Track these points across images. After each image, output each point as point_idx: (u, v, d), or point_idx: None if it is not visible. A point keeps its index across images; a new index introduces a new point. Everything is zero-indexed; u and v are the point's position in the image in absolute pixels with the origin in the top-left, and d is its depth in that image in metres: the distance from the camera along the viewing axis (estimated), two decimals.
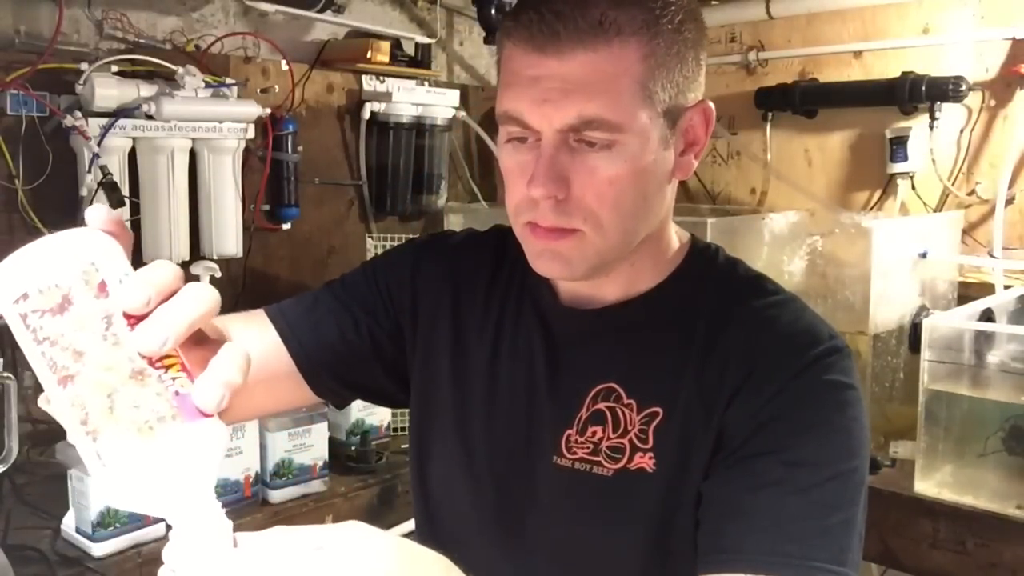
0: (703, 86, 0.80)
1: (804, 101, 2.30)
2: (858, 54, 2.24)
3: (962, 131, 2.10)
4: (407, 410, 0.98)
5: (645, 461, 0.78)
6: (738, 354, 0.77)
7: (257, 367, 0.82)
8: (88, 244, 0.49)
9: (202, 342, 0.52)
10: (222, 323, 0.81)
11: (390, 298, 0.93)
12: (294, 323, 0.91)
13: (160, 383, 0.47)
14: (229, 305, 2.15)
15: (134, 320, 0.48)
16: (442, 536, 0.91)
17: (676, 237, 0.86)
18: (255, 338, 0.88)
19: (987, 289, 1.92)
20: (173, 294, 0.49)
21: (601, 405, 0.81)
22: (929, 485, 1.58)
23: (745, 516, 0.72)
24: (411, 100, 2.25)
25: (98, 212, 0.51)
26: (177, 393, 0.47)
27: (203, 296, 0.50)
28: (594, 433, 0.81)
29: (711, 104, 0.80)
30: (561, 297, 0.86)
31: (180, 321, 0.48)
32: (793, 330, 0.78)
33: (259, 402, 0.92)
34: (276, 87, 2.08)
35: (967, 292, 1.99)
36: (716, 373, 0.77)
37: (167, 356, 0.48)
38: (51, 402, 0.48)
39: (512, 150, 0.77)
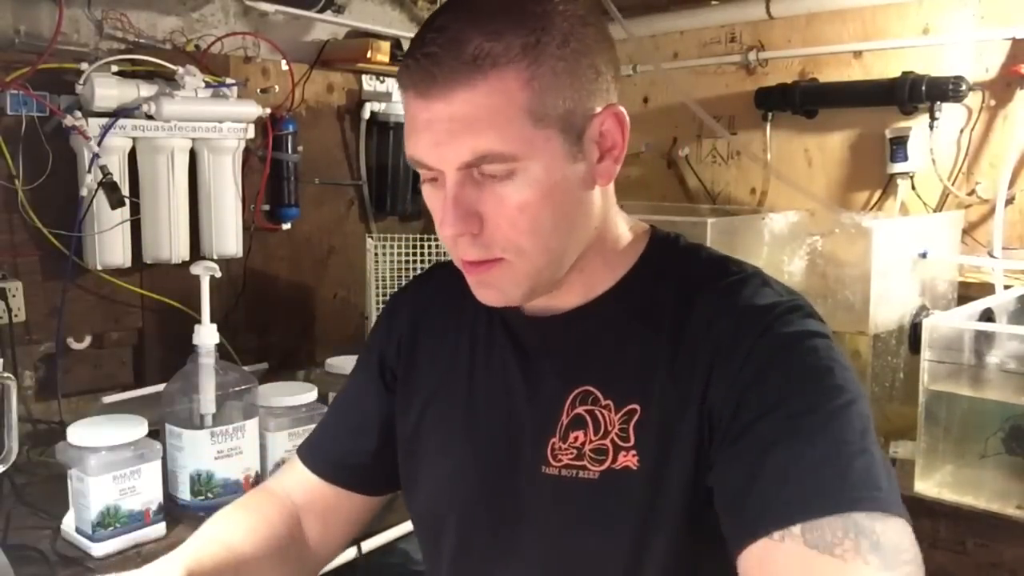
0: (611, 90, 0.78)
1: (804, 101, 2.30)
2: (858, 54, 2.24)
3: (962, 131, 2.10)
4: None
5: (629, 459, 0.78)
6: (704, 336, 0.77)
7: (328, 519, 0.99)
8: None
9: None
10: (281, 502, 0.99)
11: (389, 371, 0.98)
12: (338, 460, 1.00)
13: None
14: (229, 305, 2.14)
15: None
16: (445, 556, 0.92)
17: (629, 232, 0.86)
18: (313, 502, 0.99)
19: (987, 289, 1.92)
20: None
21: (580, 409, 0.82)
22: (929, 485, 1.58)
23: (759, 485, 0.69)
24: None
25: None
26: None
27: None
28: (576, 438, 0.81)
29: (621, 108, 0.79)
30: (525, 310, 0.86)
31: None
32: (752, 301, 0.78)
33: (341, 537, 1.03)
34: (276, 87, 2.08)
35: (967, 292, 1.99)
36: (687, 360, 0.77)
37: None
38: None
39: (429, 190, 0.79)
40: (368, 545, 1.65)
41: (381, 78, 2.24)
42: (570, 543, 0.81)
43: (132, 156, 1.79)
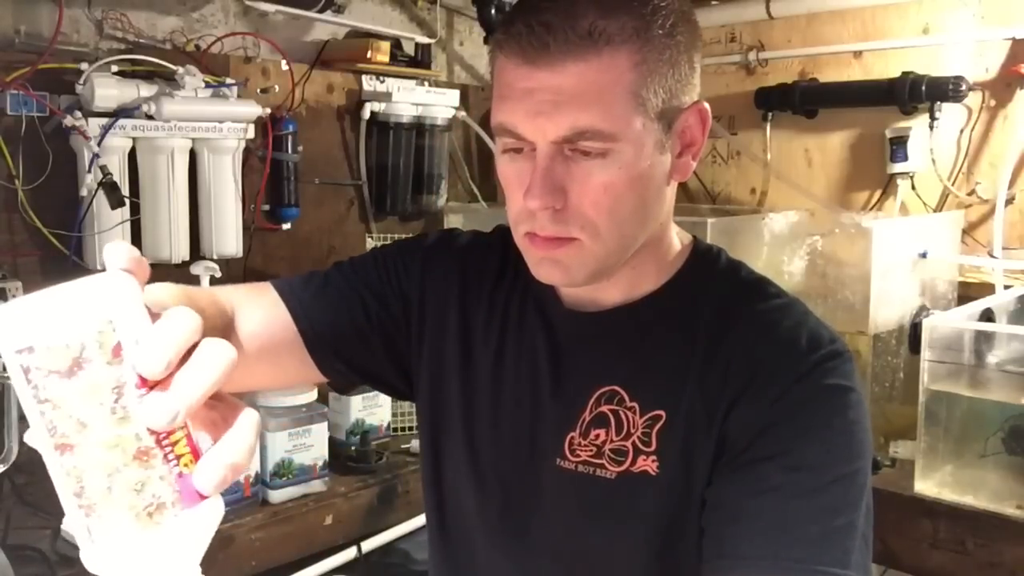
0: (698, 87, 0.79)
1: (804, 101, 2.30)
2: (858, 54, 2.24)
3: (962, 131, 2.10)
4: (407, 411, 0.99)
5: (648, 464, 0.78)
6: (740, 359, 0.77)
7: (264, 340, 0.85)
8: (106, 297, 0.45)
9: (213, 403, 0.49)
10: (227, 293, 0.81)
11: (399, 287, 0.93)
12: (305, 302, 0.89)
13: (165, 464, 0.45)
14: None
15: (146, 385, 0.45)
16: (451, 537, 0.91)
17: (678, 239, 0.86)
18: (263, 311, 0.86)
19: (987, 289, 1.92)
20: (192, 349, 0.46)
21: (604, 408, 0.81)
22: (929, 485, 1.58)
23: (747, 520, 0.72)
24: (411, 100, 2.26)
25: (118, 251, 0.48)
26: (180, 475, 0.45)
27: (220, 359, 0.46)
28: (597, 436, 0.81)
29: (706, 105, 0.79)
30: (564, 300, 0.86)
31: (194, 393, 0.45)
32: (795, 335, 0.78)
33: (262, 376, 0.91)
34: (276, 87, 2.08)
35: (967, 292, 1.99)
36: (718, 378, 0.77)
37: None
38: (45, 461, 0.46)
39: (509, 161, 0.77)
40: (368, 545, 1.65)
41: (381, 78, 2.24)
42: (581, 539, 0.82)
43: (132, 156, 1.79)
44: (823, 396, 0.75)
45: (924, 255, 1.87)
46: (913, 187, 2.17)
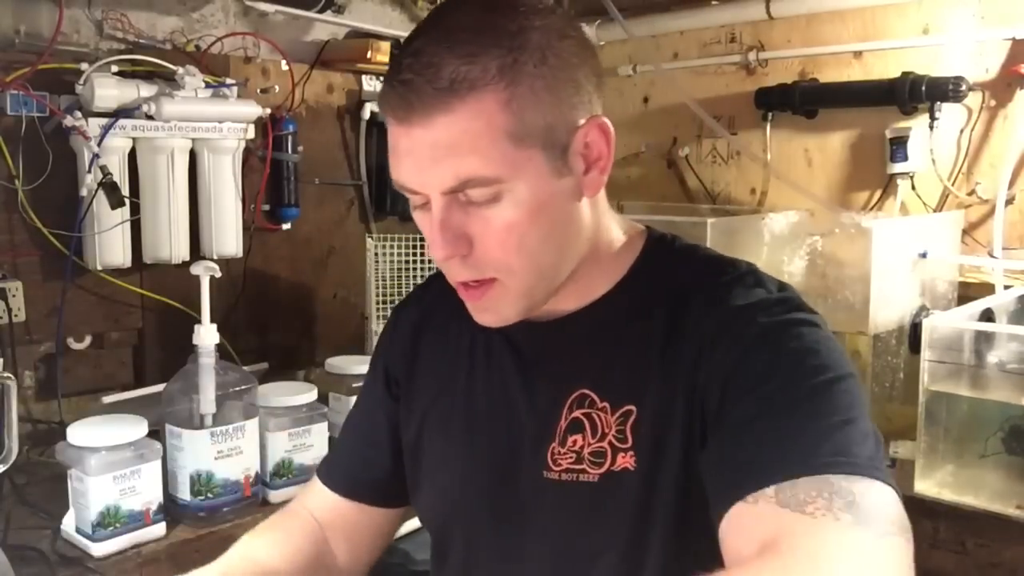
0: (594, 102, 0.78)
1: (804, 101, 2.30)
2: (858, 54, 2.23)
3: (962, 131, 2.10)
4: None
5: (627, 460, 0.79)
6: (693, 335, 0.77)
7: (354, 536, 0.99)
8: None
9: None
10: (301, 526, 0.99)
11: (394, 381, 0.99)
12: (355, 476, 1.01)
13: None
14: (229, 304, 2.14)
15: None
16: (451, 563, 0.93)
17: (624, 235, 0.86)
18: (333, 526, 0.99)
19: (987, 289, 1.92)
20: None
21: (577, 413, 0.82)
22: (929, 485, 1.58)
23: (737, 455, 0.70)
24: None
25: None
26: None
27: None
28: (575, 442, 0.81)
29: (605, 119, 0.78)
30: None
31: None
32: (748, 298, 0.78)
33: (369, 552, 1.03)
34: (276, 87, 2.08)
35: (967, 292, 1.99)
36: (677, 358, 0.78)
37: None
38: None
39: (420, 215, 0.79)
40: None
41: (381, 78, 2.24)
42: (574, 546, 0.82)
43: (132, 156, 1.79)
44: (773, 330, 0.75)
45: (924, 255, 1.87)
46: (913, 187, 2.17)
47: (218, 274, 1.45)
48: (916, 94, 2.07)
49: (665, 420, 0.77)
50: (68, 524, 1.34)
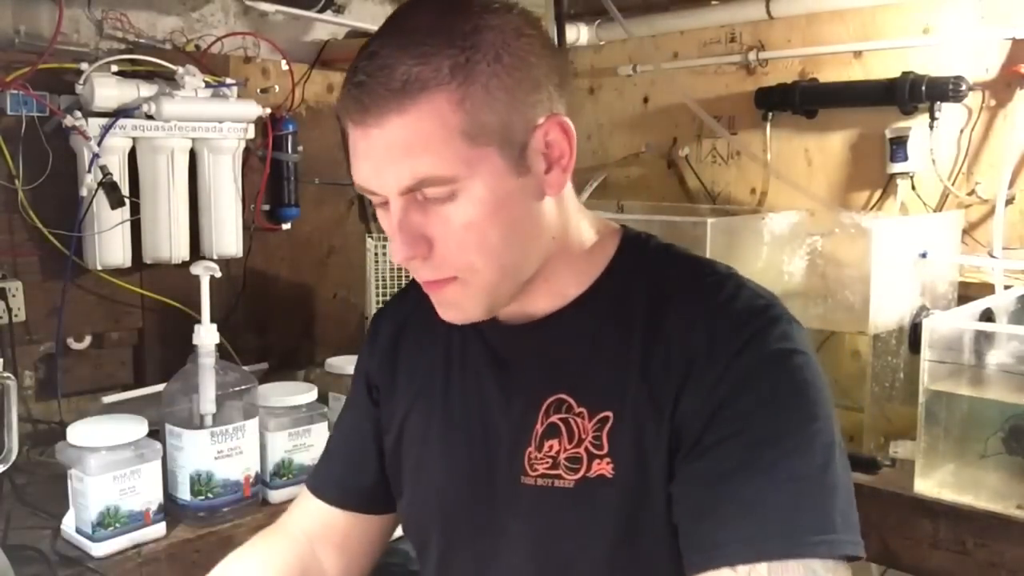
0: (553, 100, 0.77)
1: (804, 101, 2.30)
2: (858, 54, 2.23)
3: (962, 131, 2.09)
4: None
5: (604, 467, 0.78)
6: (677, 345, 0.77)
7: (346, 547, 0.99)
8: None
9: None
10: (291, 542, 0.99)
11: (375, 388, 0.99)
12: (344, 485, 1.01)
13: None
14: (229, 304, 2.14)
15: None
16: (431, 566, 0.93)
17: (596, 235, 0.86)
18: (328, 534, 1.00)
19: (987, 289, 1.92)
20: None
21: (554, 418, 0.81)
22: (929, 485, 1.58)
23: (715, 508, 0.71)
24: None
25: None
26: None
27: None
28: (551, 447, 0.81)
29: (565, 118, 0.77)
30: (499, 316, 0.86)
31: None
32: (729, 310, 0.77)
33: (363, 561, 1.03)
34: (276, 87, 2.08)
35: (967, 292, 1.99)
36: (660, 367, 0.77)
37: None
38: None
39: (382, 215, 0.79)
40: None
41: None
42: (550, 552, 0.81)
43: (132, 156, 1.79)
44: (766, 365, 0.74)
45: (924, 255, 1.86)
46: (913, 187, 2.17)
47: (218, 274, 1.45)
48: (916, 94, 2.07)
49: (647, 429, 0.77)
50: (68, 524, 1.34)
